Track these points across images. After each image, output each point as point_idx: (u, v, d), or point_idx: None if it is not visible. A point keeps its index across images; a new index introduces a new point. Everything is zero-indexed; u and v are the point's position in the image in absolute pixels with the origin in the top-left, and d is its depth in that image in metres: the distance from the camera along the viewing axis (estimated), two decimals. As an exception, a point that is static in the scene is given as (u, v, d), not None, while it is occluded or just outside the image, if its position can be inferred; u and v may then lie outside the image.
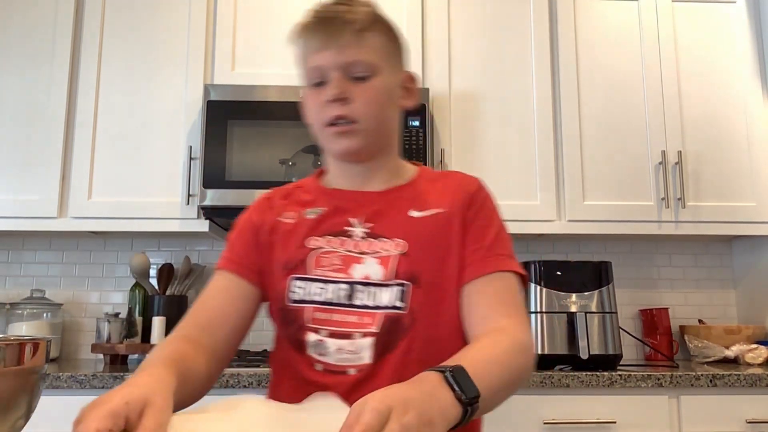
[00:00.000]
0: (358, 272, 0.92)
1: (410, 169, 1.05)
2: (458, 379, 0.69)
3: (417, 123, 2.13)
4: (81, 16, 2.27)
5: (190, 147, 2.17)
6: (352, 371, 0.89)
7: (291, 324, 0.94)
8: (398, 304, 0.90)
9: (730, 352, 2.19)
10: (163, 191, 2.17)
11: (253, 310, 0.99)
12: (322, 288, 0.92)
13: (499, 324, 0.88)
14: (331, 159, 1.02)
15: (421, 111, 2.14)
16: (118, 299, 2.43)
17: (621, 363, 2.07)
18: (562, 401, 1.82)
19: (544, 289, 2.03)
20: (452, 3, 2.33)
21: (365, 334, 0.89)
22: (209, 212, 2.13)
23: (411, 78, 1.03)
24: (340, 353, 0.89)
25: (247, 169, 2.11)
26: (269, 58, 2.25)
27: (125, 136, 2.21)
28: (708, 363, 2.21)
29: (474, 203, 0.98)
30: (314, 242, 0.96)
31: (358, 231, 0.95)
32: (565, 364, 1.97)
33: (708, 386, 1.84)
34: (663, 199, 2.24)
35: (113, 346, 2.13)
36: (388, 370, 0.88)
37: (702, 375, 1.83)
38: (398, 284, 0.91)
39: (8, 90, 2.22)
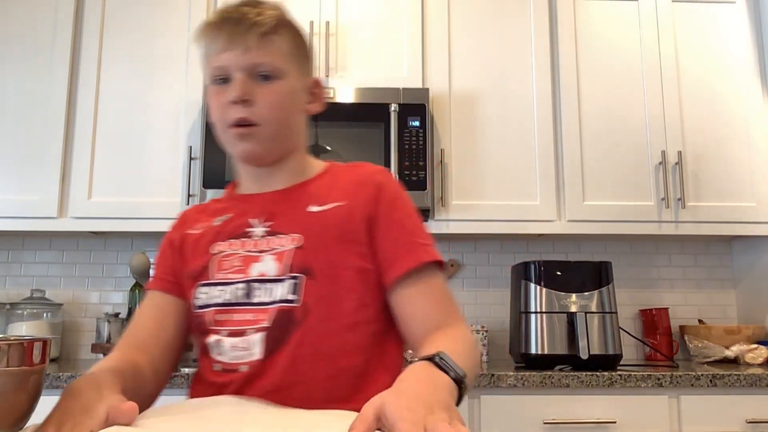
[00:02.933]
0: (255, 270, 0.92)
1: (317, 167, 1.05)
2: (447, 361, 0.71)
3: (417, 123, 2.13)
4: (81, 15, 2.27)
5: (190, 147, 2.17)
6: (243, 368, 0.88)
7: (198, 329, 0.96)
8: (290, 297, 0.89)
9: (730, 352, 2.19)
10: (163, 191, 2.17)
11: (185, 323, 1.00)
12: (221, 290, 0.93)
13: (444, 323, 0.90)
14: (238, 164, 1.02)
15: (421, 111, 2.14)
16: (118, 299, 2.43)
17: (621, 363, 2.07)
18: (562, 401, 1.82)
19: (544, 289, 2.03)
20: (452, 3, 2.33)
21: (257, 330, 0.88)
22: (209, 212, 2.13)
23: (317, 83, 1.04)
24: (234, 350, 0.89)
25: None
26: (269, 58, 2.25)
27: (125, 136, 2.21)
28: (708, 363, 2.21)
29: (384, 196, 0.96)
30: (218, 247, 0.96)
31: (258, 230, 0.95)
32: (565, 364, 1.97)
33: (708, 386, 1.84)
34: (663, 199, 2.24)
35: (113, 346, 2.13)
36: (279, 364, 0.87)
37: (702, 375, 1.83)
38: (292, 277, 0.90)
39: (8, 90, 2.22)
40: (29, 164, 2.17)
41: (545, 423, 1.80)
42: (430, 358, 0.71)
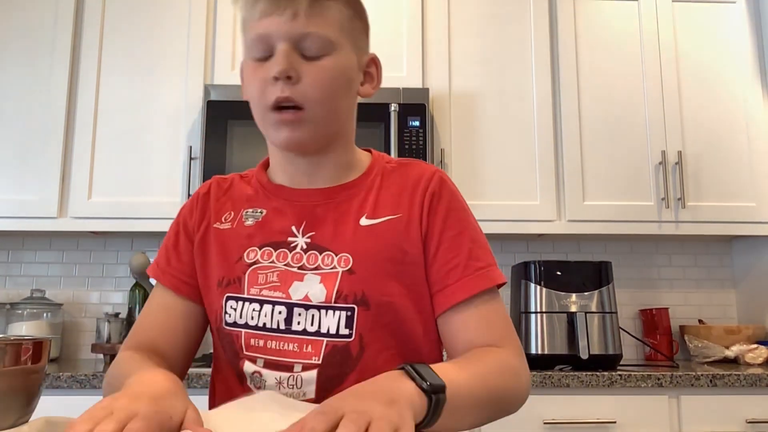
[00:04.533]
0: (297, 291, 0.80)
1: (363, 161, 0.91)
2: (418, 370, 0.63)
3: (417, 123, 2.13)
4: (81, 16, 2.27)
5: (190, 147, 2.17)
6: None
7: (228, 349, 0.85)
8: (344, 331, 0.78)
9: (730, 352, 2.19)
10: (163, 191, 2.17)
11: (199, 326, 0.91)
12: (255, 310, 0.81)
13: (491, 345, 0.81)
14: (273, 146, 0.89)
15: (421, 111, 2.14)
16: (118, 299, 2.43)
17: (621, 363, 2.07)
18: (562, 401, 1.82)
19: (544, 289, 2.03)
20: (452, 3, 2.33)
21: (306, 366, 0.78)
22: (209, 212, 2.13)
23: (374, 61, 0.91)
24: (281, 388, 0.78)
25: (247, 169, 2.11)
26: (269, 58, 2.25)
27: (125, 135, 2.21)
28: (708, 363, 2.21)
29: (438, 206, 0.85)
30: (252, 255, 0.84)
31: (300, 241, 0.83)
32: (565, 364, 1.97)
33: (708, 386, 1.84)
34: (663, 199, 2.24)
35: (113, 346, 2.13)
36: None
37: (702, 375, 1.83)
38: (344, 308, 0.79)
39: (8, 90, 2.21)
40: (29, 164, 2.17)
41: (545, 423, 1.80)
42: (402, 366, 0.65)
